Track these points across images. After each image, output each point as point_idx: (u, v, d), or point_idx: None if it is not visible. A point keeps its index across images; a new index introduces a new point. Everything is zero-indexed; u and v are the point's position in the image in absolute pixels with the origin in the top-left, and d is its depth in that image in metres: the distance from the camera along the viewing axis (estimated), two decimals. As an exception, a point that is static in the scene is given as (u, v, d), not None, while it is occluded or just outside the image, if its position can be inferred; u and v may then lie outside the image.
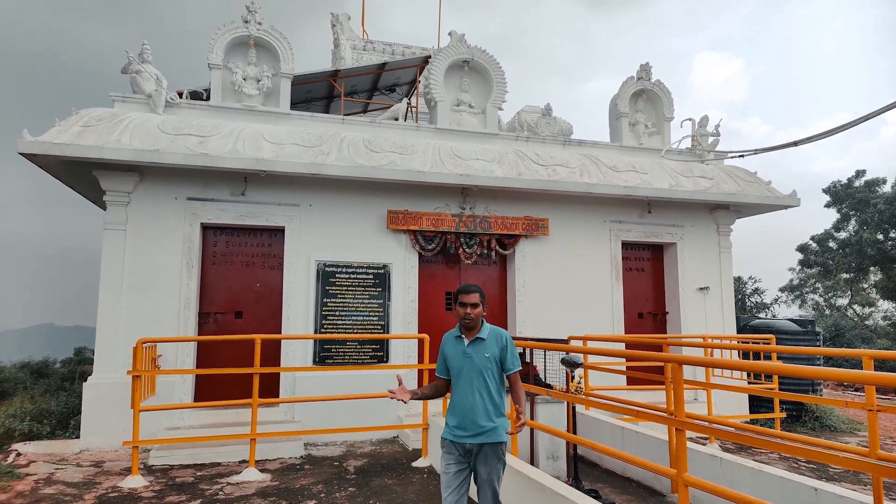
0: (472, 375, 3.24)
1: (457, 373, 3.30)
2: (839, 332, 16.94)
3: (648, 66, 10.00)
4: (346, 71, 10.32)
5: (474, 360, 3.24)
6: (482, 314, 3.33)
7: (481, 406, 3.20)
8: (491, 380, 3.25)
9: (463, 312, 3.28)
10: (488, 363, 3.24)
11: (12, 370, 10.92)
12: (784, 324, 9.72)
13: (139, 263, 7.24)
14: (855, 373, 2.65)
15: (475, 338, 3.29)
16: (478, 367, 3.23)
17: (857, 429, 8.65)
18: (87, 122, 6.99)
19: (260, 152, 7.30)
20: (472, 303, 3.27)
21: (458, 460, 3.25)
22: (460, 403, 3.25)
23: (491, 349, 3.27)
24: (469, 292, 3.30)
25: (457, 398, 3.29)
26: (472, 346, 3.29)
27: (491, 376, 3.25)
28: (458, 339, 3.36)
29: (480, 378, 3.23)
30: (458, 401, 3.27)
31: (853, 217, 20.26)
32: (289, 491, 5.28)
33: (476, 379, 3.23)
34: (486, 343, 3.28)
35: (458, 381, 3.30)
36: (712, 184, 9.19)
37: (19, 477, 5.56)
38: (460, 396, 3.26)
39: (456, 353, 3.32)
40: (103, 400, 6.75)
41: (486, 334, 3.30)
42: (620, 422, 6.36)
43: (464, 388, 3.25)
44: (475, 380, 3.23)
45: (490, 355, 3.25)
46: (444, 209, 8.37)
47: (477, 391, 3.22)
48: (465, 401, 3.23)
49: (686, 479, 3.28)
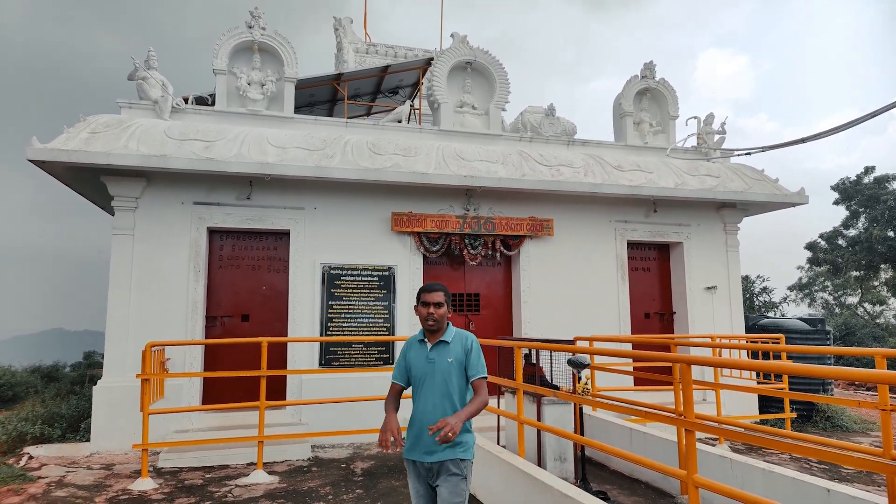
0: (434, 383, 2.92)
1: (419, 381, 2.97)
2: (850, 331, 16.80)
3: (652, 64, 9.95)
4: (349, 74, 10.35)
5: (437, 366, 2.93)
6: (447, 315, 3.02)
7: (444, 415, 2.82)
8: (455, 388, 2.91)
9: (425, 313, 2.95)
10: (452, 368, 2.92)
11: (23, 374, 11.04)
12: (793, 323, 9.64)
13: (147, 268, 7.29)
14: (868, 372, 2.62)
15: (438, 341, 2.97)
16: (441, 374, 2.91)
17: (870, 429, 8.56)
18: (95, 129, 7.05)
19: (265, 156, 7.33)
20: (435, 302, 2.96)
21: (424, 483, 2.94)
22: (421, 415, 2.91)
23: (455, 353, 2.95)
24: (432, 290, 2.99)
25: (418, 410, 2.95)
26: (435, 350, 2.96)
27: (455, 384, 2.92)
28: (421, 343, 3.04)
29: (443, 386, 2.91)
30: (419, 412, 2.93)
31: (863, 214, 20.09)
32: (297, 493, 5.29)
33: (438, 387, 2.91)
34: (449, 347, 2.96)
35: (420, 390, 2.96)
36: (719, 182, 9.13)
37: (32, 480, 5.62)
38: (421, 407, 2.93)
39: (419, 358, 3.00)
40: (113, 403, 6.80)
41: (451, 337, 2.99)
42: (628, 423, 6.33)
43: (425, 397, 2.93)
44: (437, 388, 2.91)
45: (454, 360, 2.93)
46: (449, 210, 8.37)
47: (439, 400, 2.90)
48: (426, 412, 2.90)
49: (696, 481, 3.26)
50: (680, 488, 5.23)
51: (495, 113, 9.10)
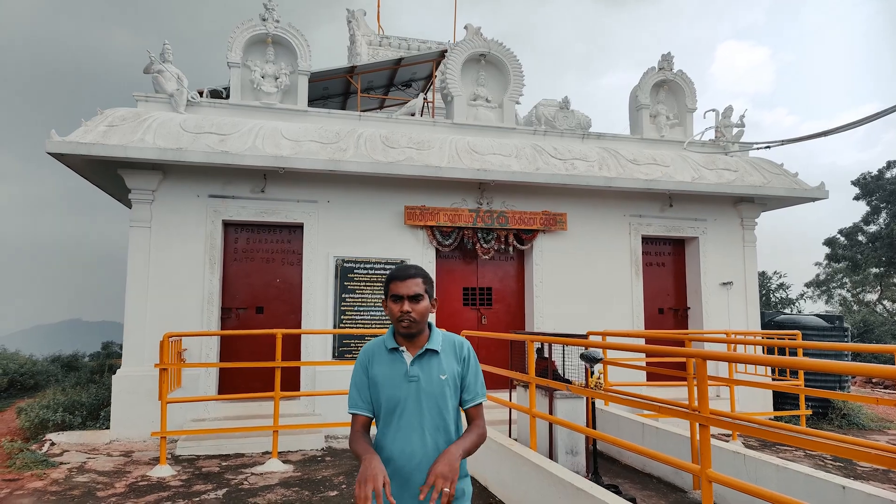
0: (420, 411, 2.03)
1: (393, 408, 2.05)
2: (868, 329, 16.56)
3: (670, 55, 9.83)
4: (362, 67, 10.35)
5: (423, 387, 2.03)
6: (429, 311, 2.10)
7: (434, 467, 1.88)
8: (451, 416, 2.07)
9: (398, 311, 2.03)
10: (446, 390, 2.05)
11: (44, 363, 11.27)
12: (810, 319, 9.52)
13: (164, 260, 7.38)
14: (886, 368, 2.58)
15: (424, 350, 2.08)
16: (431, 398, 2.03)
17: (888, 427, 8.46)
18: (112, 122, 7.14)
19: (279, 150, 7.37)
20: (411, 294, 2.03)
21: None
22: (400, 458, 2.01)
23: (449, 367, 2.08)
24: (406, 277, 2.06)
25: (395, 451, 2.03)
26: (419, 363, 2.07)
27: (451, 410, 2.07)
28: (393, 353, 2.10)
29: (435, 415, 2.03)
30: (398, 455, 2.02)
31: (884, 209, 19.75)
32: (311, 482, 5.36)
33: (428, 417, 2.02)
34: (440, 359, 2.08)
35: (397, 421, 2.04)
36: (737, 176, 9.02)
37: (54, 465, 5.75)
38: (401, 447, 2.02)
39: (393, 375, 2.07)
40: (131, 392, 6.93)
41: (440, 344, 2.09)
42: (640, 418, 6.31)
43: (406, 433, 2.02)
44: (426, 418, 2.02)
45: (448, 377, 2.06)
46: (462, 204, 8.37)
47: (430, 436, 2.01)
48: (410, 454, 2.00)
49: (710, 475, 3.24)
50: (692, 483, 5.21)
51: (509, 106, 9.05)
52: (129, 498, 4.85)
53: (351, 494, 5.03)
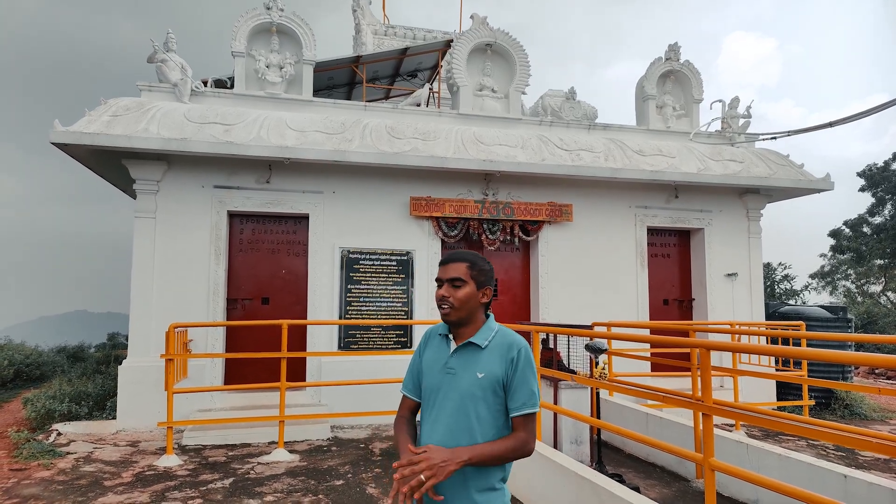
0: (447, 406, 1.88)
1: (429, 396, 1.94)
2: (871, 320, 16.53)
3: (677, 46, 9.76)
4: (367, 57, 10.32)
5: (457, 381, 1.88)
6: (478, 301, 1.95)
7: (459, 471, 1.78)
8: (481, 419, 1.85)
9: (439, 295, 1.95)
10: (480, 390, 1.85)
11: (50, 354, 11.33)
12: (814, 310, 9.51)
13: (169, 250, 7.41)
14: (888, 357, 2.59)
15: (466, 343, 1.93)
16: (460, 395, 1.86)
17: (890, 417, 8.47)
18: (116, 112, 7.13)
19: (284, 140, 7.37)
20: (451, 278, 1.93)
21: None
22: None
23: (490, 365, 1.87)
24: (450, 261, 1.96)
25: (422, 440, 1.94)
26: (458, 355, 1.92)
27: (482, 414, 1.86)
28: (443, 340, 2.01)
29: (461, 414, 1.85)
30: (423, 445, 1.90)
31: (889, 201, 19.65)
32: (317, 471, 5.40)
33: (453, 414, 1.86)
34: (482, 355, 1.90)
35: (430, 412, 1.93)
36: (742, 167, 8.98)
37: (60, 455, 5.80)
38: (426, 438, 1.91)
39: (435, 362, 1.97)
40: (138, 382, 6.97)
41: (487, 339, 1.92)
42: (644, 408, 6.33)
43: (432, 425, 1.90)
44: (451, 415, 1.87)
45: (486, 375, 1.86)
46: (467, 195, 8.36)
47: (452, 436, 1.84)
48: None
49: (713, 464, 3.26)
50: (696, 472, 5.25)
51: (515, 96, 9.01)
52: (135, 487, 4.89)
53: (357, 483, 5.08)
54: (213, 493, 4.79)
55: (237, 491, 4.84)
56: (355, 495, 4.76)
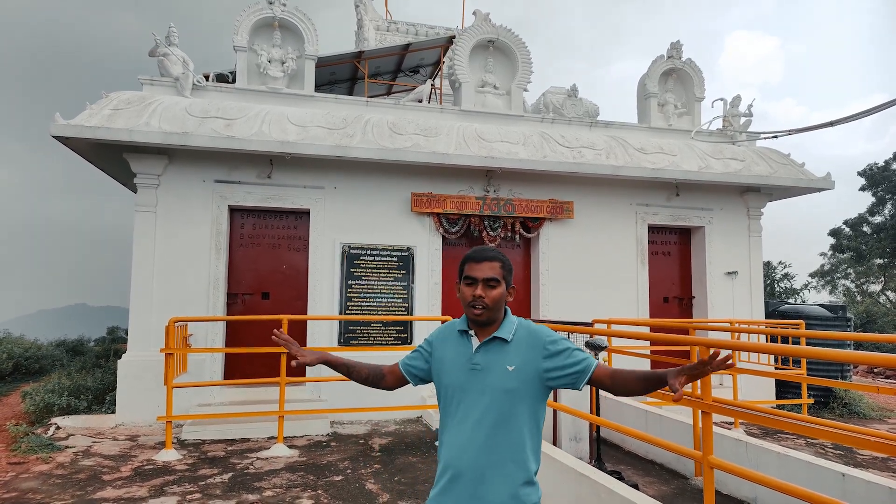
0: (476, 405, 1.83)
1: (452, 397, 1.89)
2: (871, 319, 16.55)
3: (679, 44, 9.75)
4: (369, 52, 10.29)
5: (486, 378, 1.84)
6: (505, 300, 1.93)
7: (495, 460, 1.78)
8: (516, 413, 1.82)
9: (470, 294, 1.89)
10: (513, 382, 1.82)
11: (49, 348, 11.31)
12: (814, 309, 9.52)
13: (169, 245, 7.40)
14: (887, 356, 2.59)
15: (492, 337, 1.89)
16: (490, 392, 1.82)
17: (888, 416, 8.49)
18: (117, 106, 7.12)
19: (285, 135, 7.35)
20: (486, 278, 1.88)
21: None
22: (455, 453, 1.83)
23: (519, 357, 1.85)
24: (482, 259, 1.91)
25: (449, 443, 1.86)
26: (484, 351, 1.88)
27: (517, 406, 1.83)
28: (463, 336, 1.96)
29: (495, 408, 1.81)
30: (451, 448, 1.84)
31: (889, 201, 19.66)
32: (316, 466, 5.41)
33: (484, 413, 1.81)
34: (509, 348, 1.87)
35: (454, 412, 1.88)
36: (743, 166, 8.98)
37: (59, 449, 5.80)
38: (454, 440, 1.84)
39: (457, 360, 1.92)
40: (137, 377, 6.97)
41: (511, 333, 1.89)
42: (644, 405, 6.34)
43: (459, 426, 1.84)
44: (482, 414, 1.81)
45: (516, 367, 1.83)
46: (468, 192, 8.35)
47: (486, 433, 1.80)
48: (462, 449, 1.81)
49: (712, 462, 3.27)
50: (694, 470, 5.25)
51: (517, 93, 9.00)
52: (134, 482, 4.89)
53: (357, 478, 5.09)
54: (211, 487, 4.79)
55: (236, 486, 4.84)
56: (354, 491, 4.77)
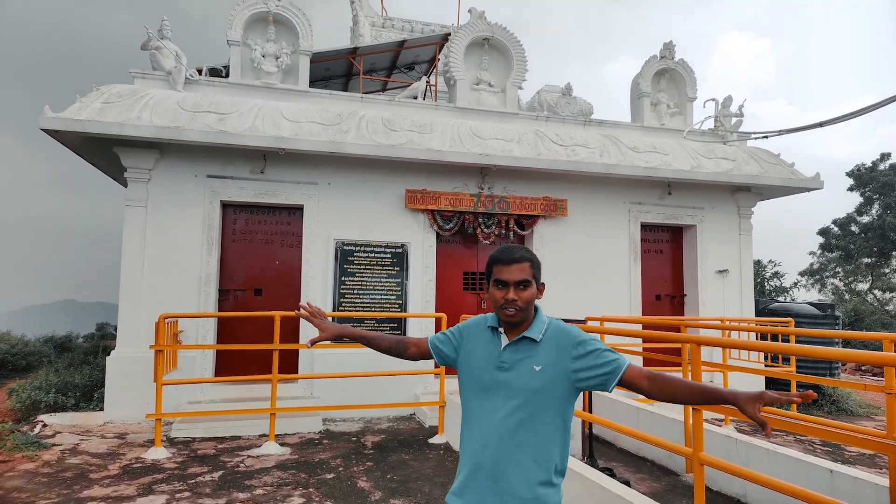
0: (504, 403, 1.80)
1: (478, 393, 1.88)
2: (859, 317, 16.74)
3: (672, 44, 9.79)
4: (365, 48, 10.24)
5: (512, 377, 1.82)
6: (535, 298, 1.90)
7: (517, 458, 1.77)
8: (542, 412, 1.79)
9: (502, 298, 1.85)
10: (540, 382, 1.80)
11: (37, 344, 11.19)
12: (803, 307, 9.62)
13: (160, 240, 7.34)
14: (874, 354, 2.63)
15: (521, 337, 1.87)
16: (517, 392, 1.80)
17: (875, 413, 8.59)
18: (108, 99, 7.04)
19: (279, 130, 7.31)
20: (518, 281, 1.84)
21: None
22: (477, 448, 1.82)
23: (547, 358, 1.82)
24: (512, 261, 1.86)
25: (472, 438, 1.86)
26: (513, 350, 1.86)
27: (543, 405, 1.80)
28: (492, 332, 1.93)
29: (520, 410, 1.79)
30: (474, 443, 1.84)
31: (877, 201, 19.89)
32: (308, 464, 5.39)
33: (513, 411, 1.79)
34: (538, 348, 1.84)
35: (479, 407, 1.86)
36: (734, 165, 9.04)
37: (45, 447, 5.72)
38: (478, 434, 1.84)
39: (485, 357, 1.90)
40: (126, 374, 6.91)
41: (541, 333, 1.86)
42: (636, 402, 6.38)
43: (484, 425, 1.83)
44: (511, 412, 1.79)
45: (544, 368, 1.81)
46: (463, 189, 8.35)
47: (511, 432, 1.78)
48: (482, 443, 1.81)
49: (702, 458, 3.29)
50: (685, 466, 5.29)
51: (512, 91, 9.00)
52: (122, 480, 4.84)
53: (349, 476, 5.08)
54: (201, 486, 4.75)
55: (226, 484, 4.80)
56: (346, 489, 4.75)
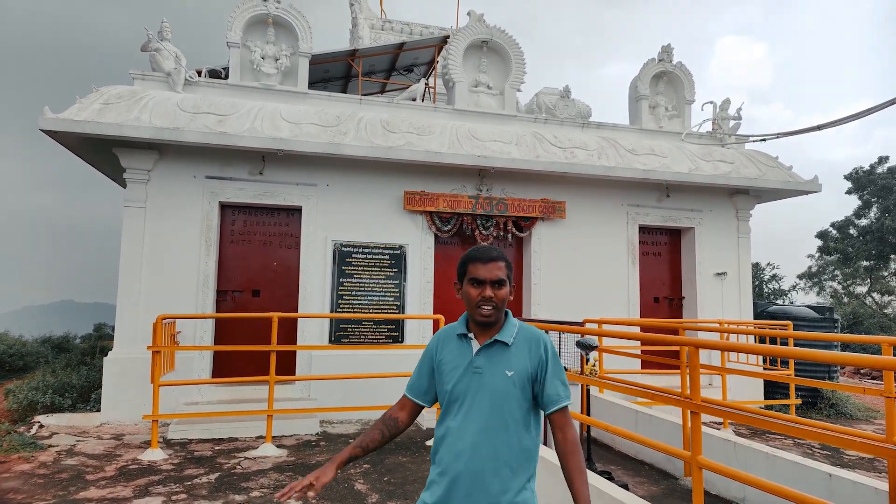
0: (480, 408, 1.83)
1: (455, 401, 1.87)
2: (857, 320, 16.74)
3: (670, 47, 9.81)
4: (364, 50, 10.24)
5: (486, 382, 1.84)
6: (508, 298, 1.91)
7: (493, 466, 1.79)
8: (515, 419, 1.83)
9: (478, 295, 1.86)
10: (512, 388, 1.83)
11: (34, 344, 11.17)
12: (801, 310, 9.62)
13: (158, 241, 7.33)
14: (873, 357, 2.62)
15: (492, 341, 1.88)
16: (492, 395, 1.83)
17: (874, 416, 8.59)
18: (108, 100, 7.04)
19: (278, 132, 7.31)
20: (493, 279, 1.86)
21: None
22: (455, 457, 1.82)
23: (519, 363, 1.86)
24: (489, 259, 1.88)
25: (449, 449, 1.84)
26: (485, 354, 1.88)
27: (516, 412, 1.84)
28: (462, 340, 1.94)
29: (496, 414, 1.82)
30: (451, 453, 1.83)
31: (875, 204, 19.93)
32: (305, 466, 5.38)
33: (488, 415, 1.82)
34: (510, 352, 1.87)
35: (455, 415, 1.86)
36: (732, 168, 9.06)
37: (42, 448, 5.71)
38: (455, 445, 1.83)
39: (457, 364, 1.90)
40: (123, 375, 6.89)
41: (513, 336, 1.89)
42: (634, 405, 6.37)
43: (464, 429, 1.83)
44: (486, 416, 1.82)
45: (515, 373, 1.84)
46: (461, 191, 8.35)
47: (487, 437, 1.81)
48: (463, 453, 1.80)
49: (700, 462, 3.28)
50: (684, 470, 5.28)
51: (510, 93, 9.02)
52: (119, 482, 4.82)
53: (346, 479, 5.06)
54: (198, 487, 4.74)
55: (223, 486, 4.79)
56: (343, 491, 4.74)
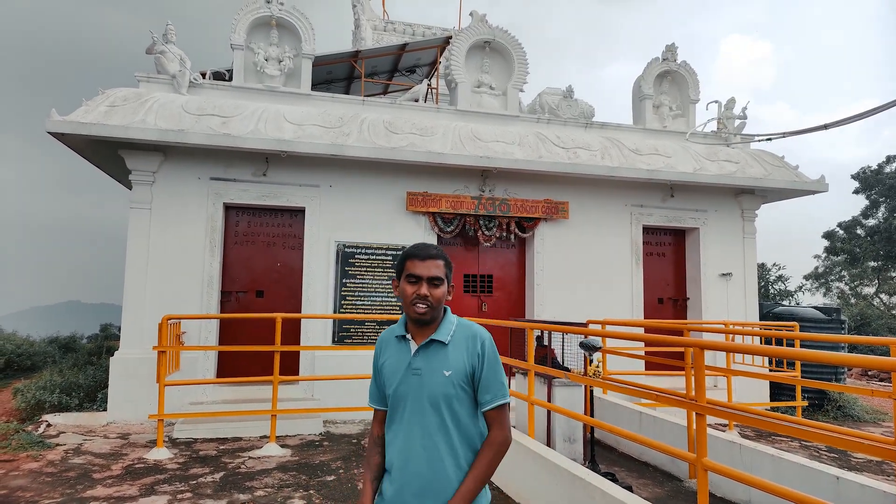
0: (422, 410, 1.81)
1: (396, 404, 1.87)
2: (865, 322, 16.61)
3: (674, 46, 9.77)
4: (366, 52, 10.26)
5: (425, 383, 1.82)
6: (445, 297, 1.89)
7: (439, 467, 1.78)
8: (455, 418, 1.81)
9: (413, 293, 1.84)
10: (450, 388, 1.80)
11: (41, 344, 11.24)
12: (808, 311, 9.55)
13: (164, 242, 7.36)
14: (881, 359, 2.59)
15: (429, 341, 1.86)
16: (430, 397, 1.80)
17: (882, 419, 8.52)
18: (114, 102, 7.09)
19: (281, 133, 7.33)
20: (430, 276, 1.84)
21: None
22: (400, 460, 1.82)
23: (456, 362, 1.82)
24: (427, 257, 1.86)
25: (395, 450, 1.85)
26: (422, 355, 1.85)
27: (456, 412, 1.82)
28: (401, 341, 1.93)
29: (433, 415, 1.80)
30: (397, 456, 1.84)
31: (882, 204, 19.77)
32: (308, 466, 5.39)
33: (426, 417, 1.80)
34: (447, 351, 1.84)
35: (397, 418, 1.87)
36: (738, 168, 9.00)
37: (50, 447, 5.76)
38: (400, 447, 1.84)
39: (397, 367, 1.89)
40: (129, 374, 6.94)
41: (449, 335, 1.86)
42: (638, 406, 6.34)
43: (405, 432, 1.83)
44: (424, 418, 1.81)
45: (454, 373, 1.81)
46: (464, 191, 8.34)
47: (426, 440, 1.79)
48: (405, 457, 1.81)
49: (706, 464, 3.26)
50: (688, 472, 5.25)
51: (513, 94, 9.00)
52: (125, 480, 4.86)
53: (349, 479, 5.06)
54: (202, 486, 4.76)
55: (227, 485, 4.81)
56: (346, 491, 4.74)
